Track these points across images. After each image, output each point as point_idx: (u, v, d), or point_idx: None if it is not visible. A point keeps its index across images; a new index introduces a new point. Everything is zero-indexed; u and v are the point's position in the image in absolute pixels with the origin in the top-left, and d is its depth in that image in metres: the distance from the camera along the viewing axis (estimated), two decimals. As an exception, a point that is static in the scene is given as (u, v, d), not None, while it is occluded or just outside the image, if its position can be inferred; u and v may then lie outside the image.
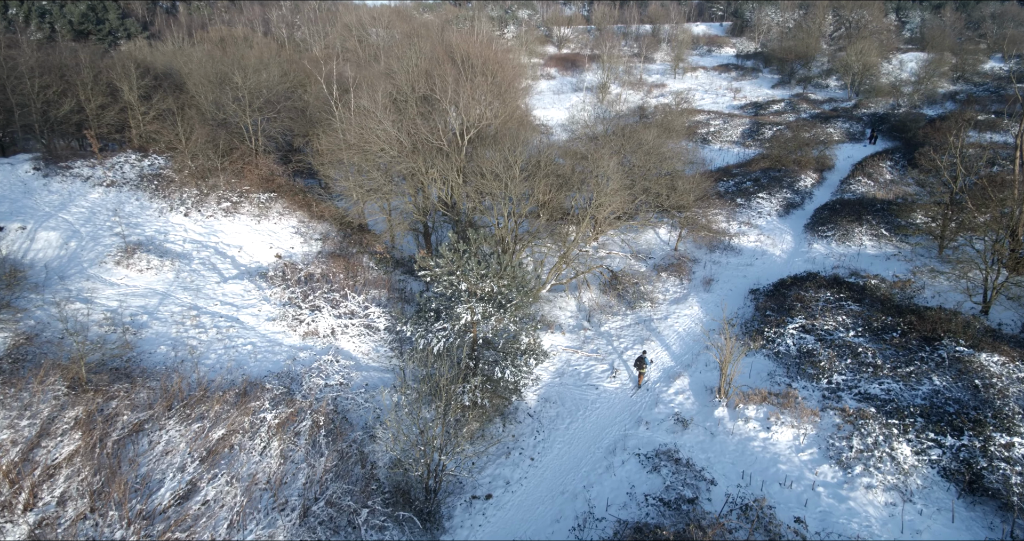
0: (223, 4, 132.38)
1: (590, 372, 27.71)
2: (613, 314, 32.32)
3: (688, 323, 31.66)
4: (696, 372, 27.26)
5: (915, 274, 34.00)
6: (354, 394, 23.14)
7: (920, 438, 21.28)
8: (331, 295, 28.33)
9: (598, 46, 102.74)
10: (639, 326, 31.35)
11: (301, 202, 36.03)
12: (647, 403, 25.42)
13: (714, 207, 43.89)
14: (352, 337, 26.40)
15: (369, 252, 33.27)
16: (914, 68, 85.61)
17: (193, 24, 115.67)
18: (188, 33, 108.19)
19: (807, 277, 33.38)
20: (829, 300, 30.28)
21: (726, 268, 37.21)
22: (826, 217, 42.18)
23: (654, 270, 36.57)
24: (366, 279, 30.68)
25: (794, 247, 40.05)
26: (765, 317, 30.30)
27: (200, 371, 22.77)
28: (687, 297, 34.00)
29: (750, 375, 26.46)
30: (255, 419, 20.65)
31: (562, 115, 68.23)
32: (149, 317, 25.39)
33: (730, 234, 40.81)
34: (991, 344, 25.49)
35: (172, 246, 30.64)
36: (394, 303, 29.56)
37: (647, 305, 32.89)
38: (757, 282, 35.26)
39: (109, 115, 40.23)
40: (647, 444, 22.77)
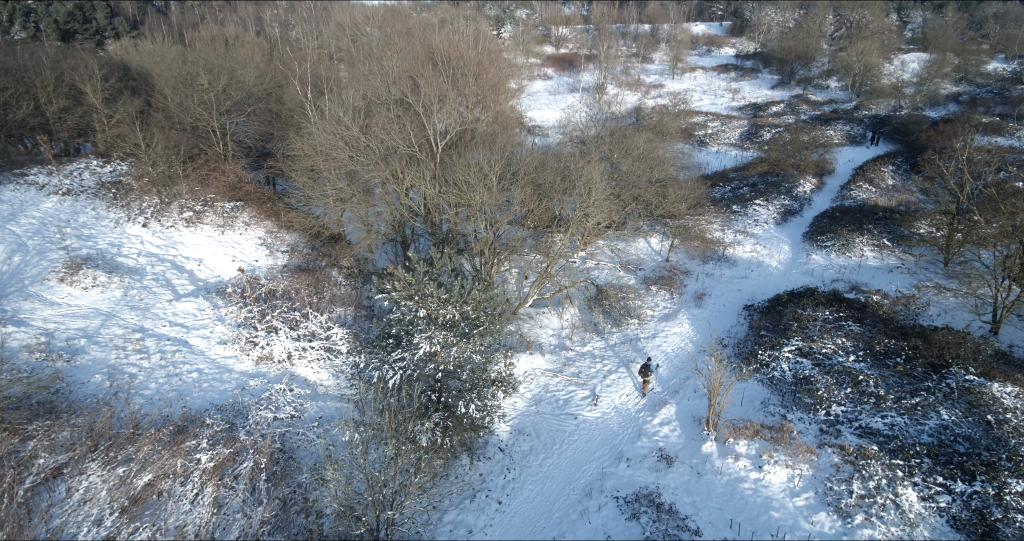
0: (217, 3, 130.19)
1: (570, 399, 25.49)
2: (597, 332, 30.12)
3: (678, 342, 29.45)
4: (684, 399, 25.05)
5: (919, 289, 31.77)
6: (306, 428, 20.98)
7: (927, 482, 19.09)
8: (291, 314, 26.16)
9: (596, 46, 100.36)
10: (625, 345, 29.14)
11: (270, 211, 33.83)
12: (629, 435, 23.23)
13: (708, 215, 41.65)
14: (310, 362, 24.23)
15: (338, 266, 31.08)
16: (916, 69, 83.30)
17: (185, 23, 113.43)
18: (179, 32, 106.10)
19: (804, 293, 31.14)
20: (828, 319, 28.06)
21: (719, 281, 34.97)
22: (825, 226, 39.95)
23: (643, 283, 34.35)
24: (332, 295, 28.51)
25: (792, 258, 37.81)
26: (759, 338, 28.09)
27: (135, 404, 20.62)
28: (677, 313, 31.79)
29: (742, 403, 24.26)
30: (188, 461, 18.50)
31: (557, 116, 66.00)
32: (87, 341, 23.23)
33: (724, 244, 38.56)
34: (1004, 372, 23.28)
35: (125, 260, 28.48)
36: (361, 322, 27.38)
37: (634, 323, 30.68)
38: (752, 297, 33.06)
39: (72, 118, 38.07)
40: (627, 485, 20.58)
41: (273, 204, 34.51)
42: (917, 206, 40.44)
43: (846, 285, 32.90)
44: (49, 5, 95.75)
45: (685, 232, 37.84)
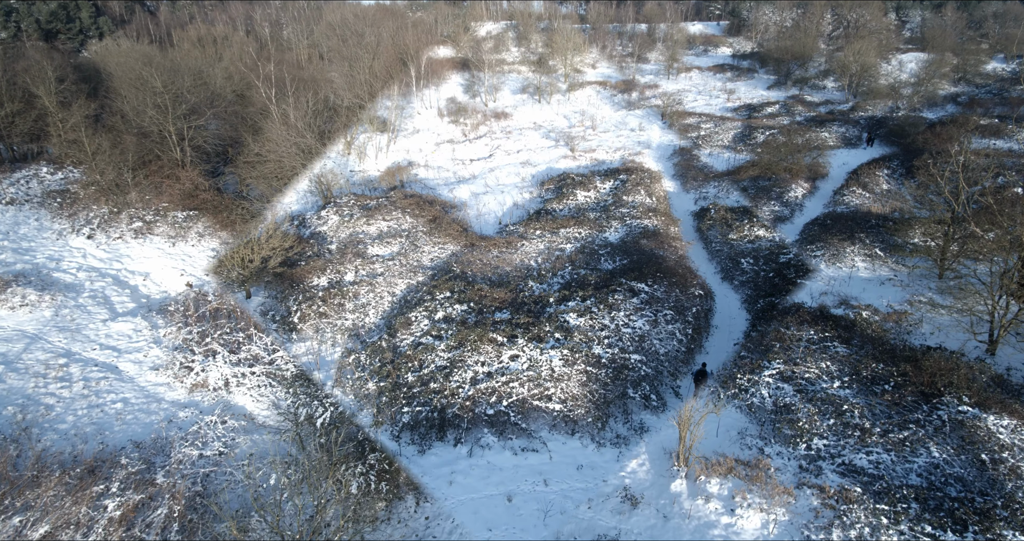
0: (209, 2, 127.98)
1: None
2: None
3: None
4: (659, 428, 23.13)
5: (912, 304, 29.79)
6: (234, 467, 19.08)
7: (915, 531, 17.15)
8: (234, 335, 24.28)
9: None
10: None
11: (225, 221, 31.98)
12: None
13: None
14: (250, 389, 22.35)
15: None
16: (914, 69, 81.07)
17: (174, 23, 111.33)
18: (167, 32, 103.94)
19: (790, 309, 29.19)
20: (813, 340, 26.10)
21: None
22: (816, 234, 37.89)
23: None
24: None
25: (779, 269, 35.81)
26: (739, 359, 26.15)
27: (46, 441, 18.74)
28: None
29: (718, 433, 22.33)
30: (94, 509, 16.60)
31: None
32: (5, 368, 21.36)
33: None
34: (1000, 401, 21.33)
35: (62, 276, 26.60)
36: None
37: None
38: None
39: (24, 123, 36.21)
40: (586, 531, 18.68)
41: (230, 213, 32.66)
42: (911, 213, 38.43)
43: (835, 299, 30.90)
44: (32, 4, 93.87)
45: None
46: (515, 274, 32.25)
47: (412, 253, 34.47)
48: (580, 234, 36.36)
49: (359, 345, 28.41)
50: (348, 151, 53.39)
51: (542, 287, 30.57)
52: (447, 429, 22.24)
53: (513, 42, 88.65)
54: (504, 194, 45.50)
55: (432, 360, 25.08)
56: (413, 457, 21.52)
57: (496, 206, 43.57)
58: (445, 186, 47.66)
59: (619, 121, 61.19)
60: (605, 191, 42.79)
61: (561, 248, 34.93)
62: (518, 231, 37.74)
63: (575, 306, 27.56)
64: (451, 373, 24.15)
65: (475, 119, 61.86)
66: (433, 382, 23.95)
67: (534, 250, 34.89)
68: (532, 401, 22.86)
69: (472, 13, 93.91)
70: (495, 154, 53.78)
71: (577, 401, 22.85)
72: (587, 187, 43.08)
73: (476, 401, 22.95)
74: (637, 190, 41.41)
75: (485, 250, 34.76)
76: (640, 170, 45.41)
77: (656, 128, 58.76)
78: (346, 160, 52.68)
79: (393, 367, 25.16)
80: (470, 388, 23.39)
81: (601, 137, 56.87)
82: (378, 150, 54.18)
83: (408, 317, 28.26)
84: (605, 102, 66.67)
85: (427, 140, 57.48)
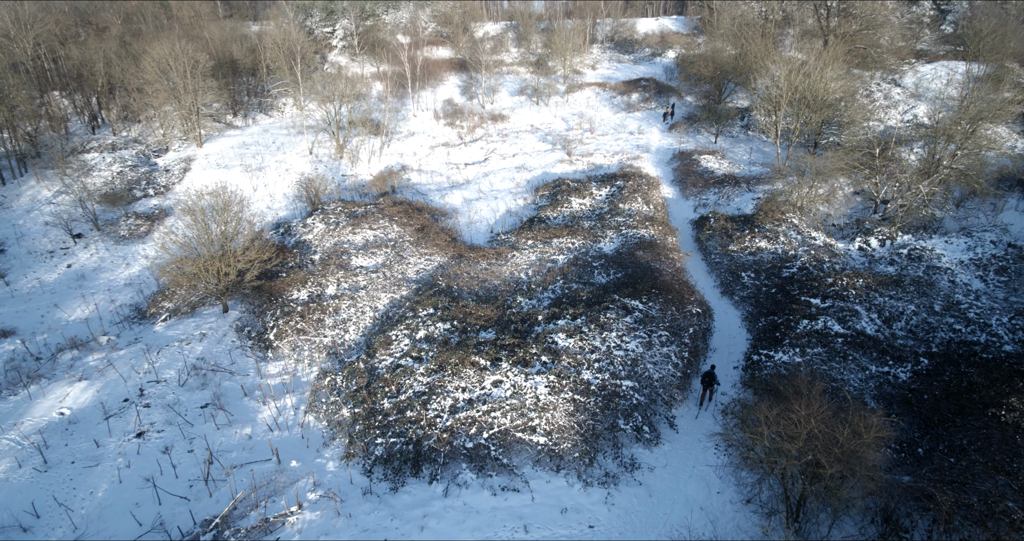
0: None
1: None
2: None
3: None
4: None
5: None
6: None
7: None
8: None
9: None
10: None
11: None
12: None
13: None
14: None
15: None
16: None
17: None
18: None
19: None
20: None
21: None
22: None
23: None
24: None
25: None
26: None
27: None
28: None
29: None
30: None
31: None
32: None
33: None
34: None
35: None
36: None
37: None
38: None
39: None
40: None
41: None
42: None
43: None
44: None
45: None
46: (504, 288, 30.28)
47: (397, 265, 32.52)
48: (574, 244, 34.35)
49: (336, 365, 26.54)
50: (340, 155, 51.49)
51: (531, 303, 28.58)
52: (423, 464, 20.33)
53: (513, 43, 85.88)
54: (498, 200, 43.49)
55: (410, 385, 23.16)
56: (385, 495, 19.62)
57: (489, 213, 41.58)
58: (438, 191, 45.69)
59: (618, 124, 58.98)
60: (601, 198, 40.74)
61: (553, 260, 32.94)
62: (509, 240, 35.74)
63: (565, 325, 25.58)
64: (430, 400, 22.22)
65: (471, 121, 59.79)
66: (410, 410, 22.03)
67: (525, 262, 32.91)
68: (515, 433, 20.91)
69: (472, 13, 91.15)
70: (490, 158, 51.74)
71: (563, 433, 20.88)
72: (582, 194, 41.03)
73: (455, 432, 21.01)
74: (634, 197, 39.35)
75: (474, 262, 32.78)
76: (638, 176, 43.32)
77: (656, 131, 56.54)
78: (338, 164, 50.81)
79: (369, 392, 23.25)
80: (449, 418, 21.45)
81: (599, 140, 54.74)
82: (371, 154, 52.26)
83: (388, 336, 26.35)
84: (604, 104, 64.39)
85: (422, 143, 55.47)
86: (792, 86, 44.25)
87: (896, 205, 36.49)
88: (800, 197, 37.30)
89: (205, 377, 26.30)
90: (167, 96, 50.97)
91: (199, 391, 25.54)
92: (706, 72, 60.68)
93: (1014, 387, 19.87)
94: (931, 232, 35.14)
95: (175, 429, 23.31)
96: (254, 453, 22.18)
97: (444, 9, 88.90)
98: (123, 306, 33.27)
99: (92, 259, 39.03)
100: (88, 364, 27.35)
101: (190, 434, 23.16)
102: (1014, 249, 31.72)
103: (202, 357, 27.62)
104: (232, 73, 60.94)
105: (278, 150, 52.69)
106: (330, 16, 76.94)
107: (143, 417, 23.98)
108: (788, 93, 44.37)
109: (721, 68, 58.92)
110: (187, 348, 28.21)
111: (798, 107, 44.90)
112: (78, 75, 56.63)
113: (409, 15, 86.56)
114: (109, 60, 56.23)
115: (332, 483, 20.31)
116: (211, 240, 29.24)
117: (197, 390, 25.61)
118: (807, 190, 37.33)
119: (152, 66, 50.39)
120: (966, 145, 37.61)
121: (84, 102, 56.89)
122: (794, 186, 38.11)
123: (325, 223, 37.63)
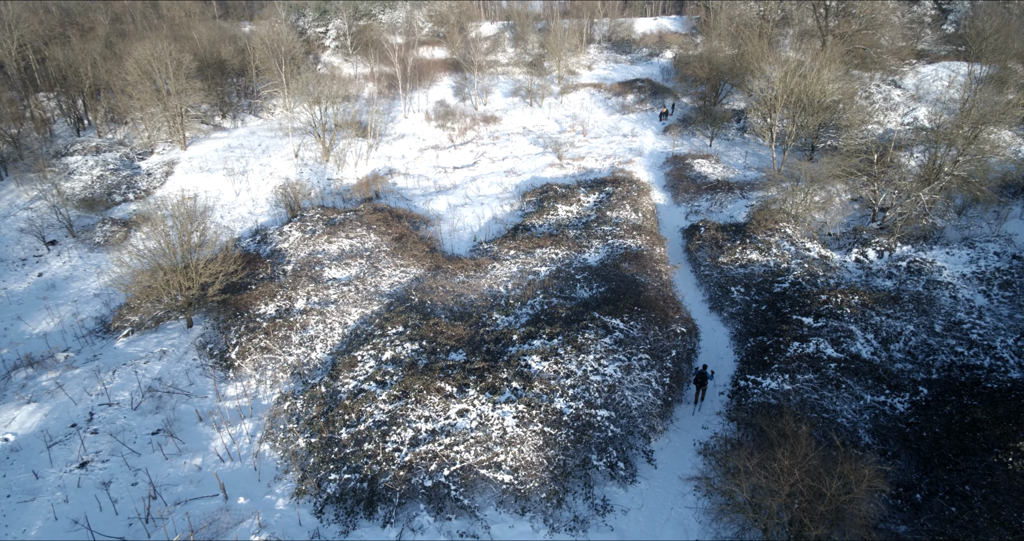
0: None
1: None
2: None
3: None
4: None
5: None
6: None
7: None
8: None
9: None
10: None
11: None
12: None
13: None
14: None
15: None
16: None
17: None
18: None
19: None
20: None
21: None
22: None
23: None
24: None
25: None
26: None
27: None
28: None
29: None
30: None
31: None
32: None
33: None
34: None
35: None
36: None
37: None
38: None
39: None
40: None
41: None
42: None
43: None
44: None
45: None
46: (480, 304, 28.29)
47: (371, 277, 30.56)
48: (557, 255, 32.30)
49: (299, 387, 24.64)
50: (326, 158, 49.52)
51: (507, 320, 26.58)
52: (377, 504, 18.43)
53: (510, 43, 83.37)
54: (484, 206, 41.46)
55: (371, 413, 21.23)
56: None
57: (473, 219, 39.55)
58: (423, 196, 43.68)
59: (612, 126, 56.75)
60: (589, 205, 38.64)
61: (535, 272, 30.91)
62: (491, 250, 33.72)
63: (540, 346, 23.57)
64: (389, 431, 20.29)
65: (463, 123, 57.65)
66: (368, 442, 20.10)
67: (505, 274, 30.89)
68: (478, 469, 18.96)
69: (468, 13, 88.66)
70: (479, 161, 49.67)
71: (531, 470, 18.91)
72: (570, 200, 38.94)
73: (414, 469, 19.08)
74: (623, 205, 37.23)
75: (451, 274, 30.79)
76: (628, 181, 41.20)
77: (650, 134, 54.31)
78: (324, 168, 48.85)
79: (327, 421, 21.34)
80: (408, 452, 19.51)
81: (592, 143, 52.57)
82: (358, 157, 50.26)
83: (354, 356, 24.41)
84: (599, 105, 62.10)
85: (411, 146, 53.42)
86: (787, 88, 42.01)
87: (895, 213, 34.35)
88: (795, 205, 35.16)
89: (160, 400, 24.45)
90: (150, 98, 49.06)
91: (152, 416, 23.69)
92: (702, 73, 58.34)
93: (1022, 425, 17.78)
94: (931, 242, 32.98)
95: (120, 460, 21.47)
96: (201, 487, 20.32)
97: (441, 9, 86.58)
98: (88, 319, 31.42)
99: (64, 268, 37.19)
100: (41, 384, 25.52)
101: (136, 465, 21.32)
102: (1019, 261, 29.53)
103: (159, 377, 25.76)
104: (220, 74, 58.91)
105: (263, 153, 50.75)
106: (323, 16, 74.81)
107: (89, 445, 22.15)
108: (783, 95, 42.14)
109: (717, 69, 56.66)
110: (145, 367, 26.35)
111: (794, 110, 42.70)
112: (63, 76, 54.73)
113: (405, 15, 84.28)
114: (94, 61, 54.39)
115: (279, 525, 18.43)
116: (172, 252, 27.32)
117: (150, 414, 23.76)
118: (802, 197, 35.17)
119: (134, 67, 48.48)
120: (968, 150, 35.33)
121: (69, 104, 54.99)
122: (789, 193, 35.99)
123: (302, 231, 35.68)
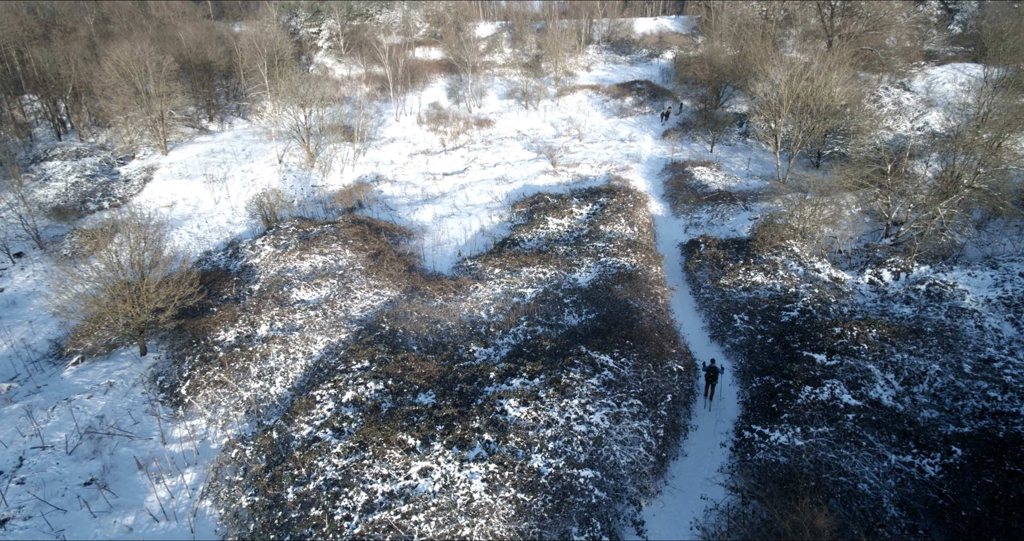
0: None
1: None
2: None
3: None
4: None
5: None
6: None
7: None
8: None
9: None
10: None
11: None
12: None
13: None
14: None
15: None
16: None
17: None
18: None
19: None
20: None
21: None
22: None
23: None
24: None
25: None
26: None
27: None
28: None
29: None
30: None
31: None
32: None
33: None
34: None
35: None
36: None
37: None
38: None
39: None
40: None
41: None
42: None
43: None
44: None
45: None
46: (457, 332, 25.04)
47: (342, 300, 27.33)
48: (545, 275, 29.01)
49: (252, 430, 21.49)
50: (311, 164, 46.28)
51: (486, 353, 23.34)
52: (319, 588, 15.25)
53: (508, 43, 79.77)
54: (471, 217, 38.15)
55: (323, 468, 18.05)
56: (265, 634, 14.58)
57: (460, 232, 36.26)
58: (409, 206, 40.40)
59: (609, 130, 53.26)
60: (582, 217, 35.28)
61: (520, 294, 27.64)
62: (475, 268, 30.45)
63: (519, 387, 20.33)
64: (340, 493, 17.11)
65: (456, 127, 54.28)
66: (316, 506, 16.93)
67: (488, 296, 27.64)
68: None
69: (466, 13, 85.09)
70: (470, 168, 46.34)
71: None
72: (561, 212, 35.59)
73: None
74: (617, 218, 33.86)
75: (429, 297, 27.54)
76: (624, 191, 37.81)
77: (648, 138, 50.82)
78: (308, 174, 45.60)
79: (273, 477, 18.17)
80: (359, 521, 16.32)
81: (588, 148, 49.14)
82: (344, 163, 46.98)
83: (312, 396, 21.22)
84: (596, 108, 58.57)
85: (401, 150, 50.11)
86: (794, 92, 38.45)
87: (910, 228, 30.89)
88: (802, 219, 31.72)
89: (99, 442, 21.34)
90: (130, 101, 45.86)
91: (87, 462, 20.58)
92: (703, 75, 54.75)
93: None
94: (951, 262, 29.52)
95: (42, 519, 18.37)
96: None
97: (438, 9, 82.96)
98: (43, 341, 28.35)
99: (28, 282, 34.10)
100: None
101: (59, 524, 18.22)
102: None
103: (102, 415, 22.65)
104: (207, 75, 55.62)
105: (247, 158, 47.52)
106: (315, 16, 71.32)
107: (12, 498, 19.06)
108: (789, 100, 38.58)
109: (719, 71, 53.04)
110: (88, 402, 23.22)
111: (800, 115, 39.13)
112: (44, 79, 51.55)
113: (402, 15, 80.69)
114: (76, 63, 51.17)
115: (205, 610, 15.31)
116: (117, 274, 24.15)
117: (85, 460, 20.65)
118: (810, 211, 31.72)
119: (112, 69, 45.26)
120: (990, 161, 31.78)
121: (51, 107, 51.83)
122: (795, 207, 32.52)
123: (275, 245, 32.49)
